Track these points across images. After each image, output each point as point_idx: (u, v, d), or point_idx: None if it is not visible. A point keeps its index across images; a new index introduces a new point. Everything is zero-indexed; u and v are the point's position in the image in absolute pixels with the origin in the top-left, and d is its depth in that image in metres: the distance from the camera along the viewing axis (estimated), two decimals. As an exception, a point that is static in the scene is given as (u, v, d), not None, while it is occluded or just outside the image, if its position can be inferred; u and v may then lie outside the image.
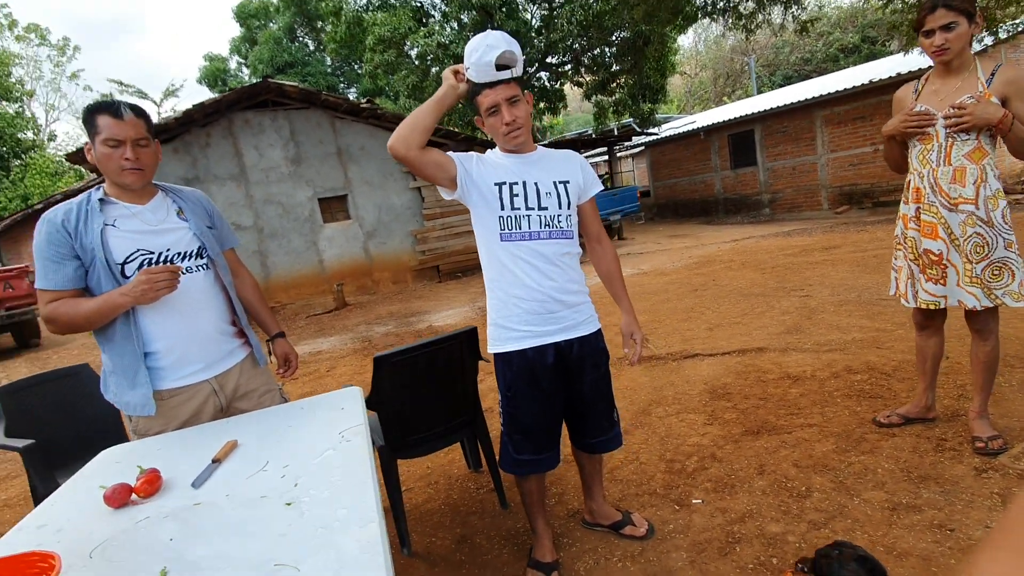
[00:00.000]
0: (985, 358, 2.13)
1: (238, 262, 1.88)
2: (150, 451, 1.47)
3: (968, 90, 1.95)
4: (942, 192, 2.02)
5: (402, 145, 1.53)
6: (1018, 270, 1.97)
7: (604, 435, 1.84)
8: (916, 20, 2.01)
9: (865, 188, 11.26)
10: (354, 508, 1.00)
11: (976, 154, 1.97)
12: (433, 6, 15.41)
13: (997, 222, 1.97)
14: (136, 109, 1.56)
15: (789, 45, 26.28)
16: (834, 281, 5.53)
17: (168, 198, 1.69)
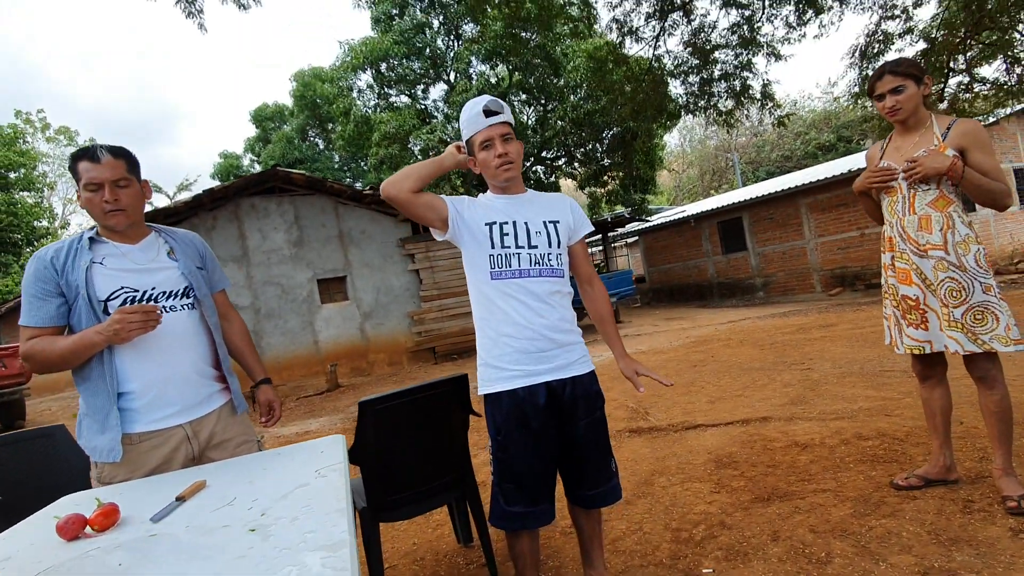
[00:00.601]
0: (995, 407, 2.05)
1: (228, 304, 1.86)
2: (112, 494, 1.36)
3: (925, 144, 2.07)
4: (910, 239, 2.10)
5: (394, 188, 1.58)
6: (1002, 314, 1.96)
7: (602, 487, 1.72)
8: (868, 87, 2.18)
9: (856, 271, 11.48)
10: (323, 531, 0.91)
11: (939, 202, 2.05)
12: (436, 108, 16.65)
13: (970, 267, 1.99)
14: (114, 150, 1.55)
15: (769, 144, 28.07)
16: (834, 355, 5.47)
17: (160, 238, 1.69)
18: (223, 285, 1.84)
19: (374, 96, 16.27)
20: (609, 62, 10.00)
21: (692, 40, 9.49)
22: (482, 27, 11.53)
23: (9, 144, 19.40)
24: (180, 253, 1.69)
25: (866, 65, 8.64)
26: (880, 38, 8.42)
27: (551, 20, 10.04)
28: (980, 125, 2.03)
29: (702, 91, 9.94)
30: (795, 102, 26.55)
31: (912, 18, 8.45)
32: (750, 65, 9.49)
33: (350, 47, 15.15)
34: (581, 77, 13.23)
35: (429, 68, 15.57)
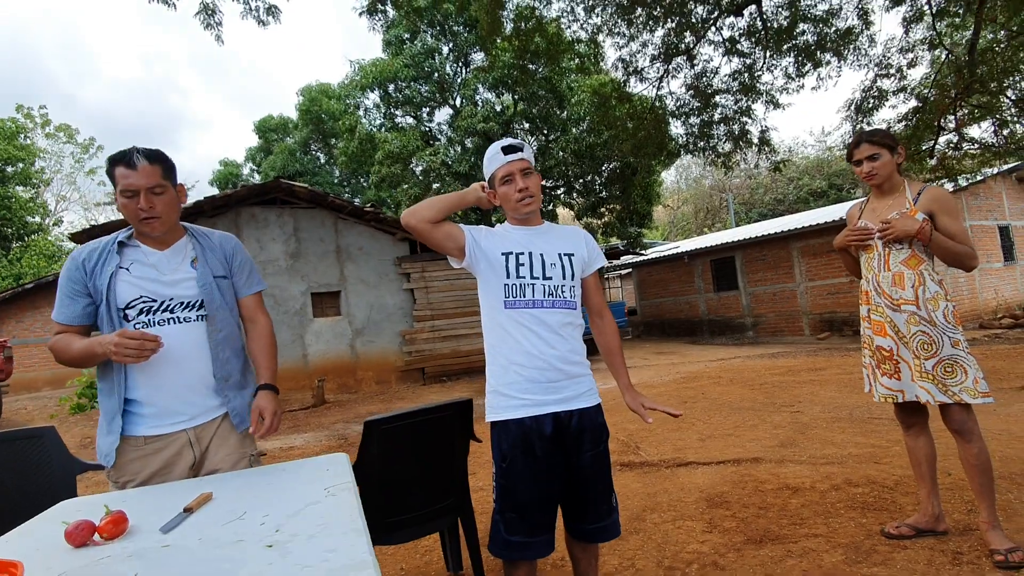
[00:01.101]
0: (975, 460, 2.11)
1: (258, 308, 1.80)
2: (116, 502, 1.35)
3: (897, 207, 2.24)
4: (885, 294, 2.23)
5: (415, 218, 1.63)
6: (970, 367, 2.08)
7: (602, 521, 1.72)
8: (847, 153, 2.37)
9: (844, 316, 11.65)
10: (344, 552, 0.91)
11: (912, 261, 2.19)
12: (440, 131, 16.91)
13: (940, 322, 2.12)
14: (151, 155, 1.55)
15: (763, 187, 28.68)
16: (824, 399, 5.52)
17: (190, 243, 1.68)
18: (254, 289, 1.80)
19: (380, 115, 16.52)
20: (613, 99, 10.26)
21: (694, 83, 9.80)
22: (491, 57, 11.81)
23: (10, 138, 19.34)
24: (203, 261, 1.67)
25: (860, 119, 8.95)
26: (875, 94, 8.75)
27: (559, 55, 10.32)
28: (948, 192, 2.21)
29: (702, 133, 10.20)
30: (790, 148, 27.30)
31: (906, 77, 8.80)
32: (749, 111, 9.78)
33: (360, 66, 15.43)
34: (584, 111, 13.53)
35: (436, 92, 15.86)
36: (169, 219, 1.59)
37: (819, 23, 8.60)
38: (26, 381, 13.47)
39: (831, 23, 8.59)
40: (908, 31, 8.68)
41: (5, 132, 19.21)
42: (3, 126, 19.31)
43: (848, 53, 8.76)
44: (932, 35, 8.72)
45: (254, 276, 1.81)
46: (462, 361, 10.51)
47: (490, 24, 8.17)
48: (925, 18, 8.61)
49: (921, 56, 9.09)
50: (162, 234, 1.61)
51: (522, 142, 1.75)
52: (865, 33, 8.65)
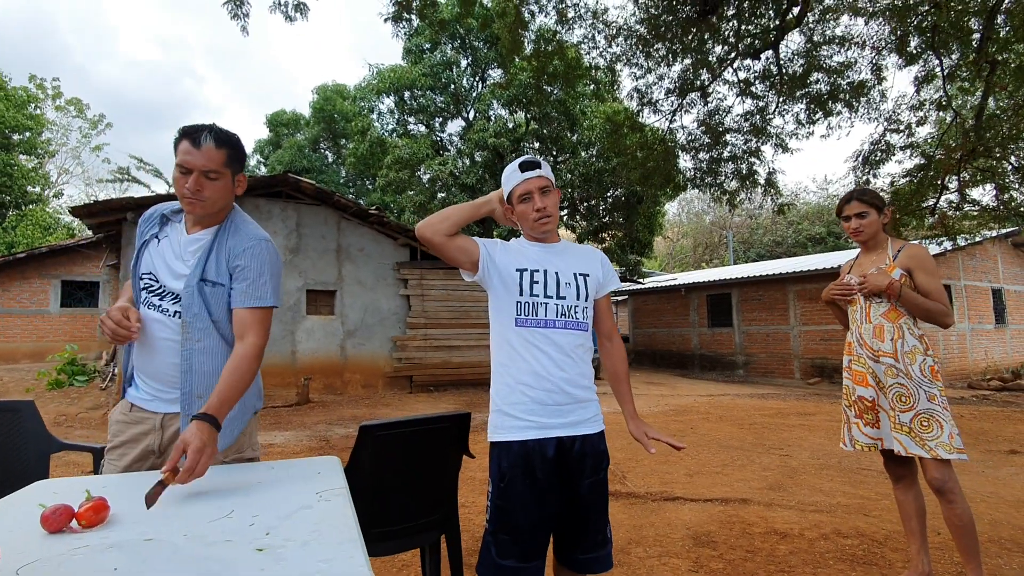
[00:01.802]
0: (957, 521, 2.11)
1: (250, 326, 1.52)
2: (97, 487, 1.28)
3: (878, 263, 2.35)
4: (866, 345, 2.32)
5: (430, 230, 1.61)
6: (946, 423, 2.11)
7: (596, 552, 1.66)
8: (837, 208, 2.48)
9: (835, 364, 11.66)
10: (340, 563, 0.86)
11: (891, 314, 2.28)
12: (450, 142, 17.02)
13: (916, 375, 2.17)
14: (221, 137, 1.49)
15: (763, 227, 28.97)
16: (812, 445, 5.48)
17: (215, 235, 1.56)
18: (251, 303, 1.52)
19: (393, 121, 16.62)
20: (625, 127, 10.37)
21: (706, 120, 9.92)
22: (509, 75, 11.94)
23: (20, 106, 19.27)
24: (202, 260, 1.53)
25: (867, 170, 9.07)
26: (883, 147, 8.88)
27: (576, 79, 10.45)
28: (926, 250, 2.31)
29: (710, 169, 10.31)
30: (794, 193, 27.64)
31: (914, 134, 8.95)
32: (758, 152, 9.91)
33: (378, 71, 15.56)
34: (596, 136, 13.67)
35: (451, 103, 15.99)
36: (215, 205, 1.52)
37: (833, 74, 8.76)
38: (6, 352, 13.23)
39: (845, 75, 8.75)
40: (919, 90, 8.85)
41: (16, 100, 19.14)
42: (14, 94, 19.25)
43: (859, 105, 8.92)
44: (942, 96, 8.90)
45: (258, 288, 1.54)
46: (452, 373, 10.42)
47: (511, 43, 8.26)
48: (936, 80, 8.79)
49: (929, 115, 9.27)
50: (200, 217, 1.54)
51: (540, 159, 1.73)
52: (877, 88, 8.82)
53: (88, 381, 9.94)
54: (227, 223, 1.58)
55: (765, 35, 8.43)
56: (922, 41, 8.16)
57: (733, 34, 8.43)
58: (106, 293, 14.32)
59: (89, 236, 12.94)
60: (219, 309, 1.55)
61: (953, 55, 8.27)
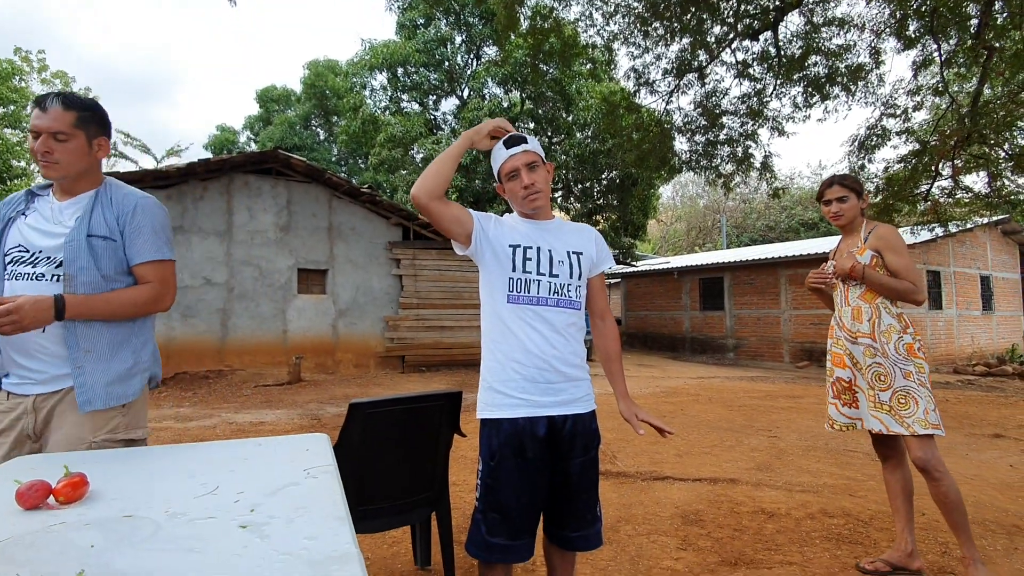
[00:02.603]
0: (944, 498, 2.14)
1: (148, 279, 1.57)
2: (77, 463, 1.25)
3: (852, 247, 2.40)
4: (845, 327, 2.37)
5: (425, 195, 1.55)
6: (921, 399, 2.16)
7: (585, 529, 1.66)
8: (818, 193, 2.53)
9: (824, 347, 11.77)
10: (326, 540, 0.84)
11: (867, 296, 2.33)
12: (444, 120, 16.78)
13: (891, 354, 2.22)
14: (69, 101, 1.49)
15: (757, 212, 28.98)
16: (800, 427, 5.55)
17: (93, 198, 1.55)
18: (148, 256, 1.56)
19: (385, 98, 16.34)
20: (621, 108, 10.25)
21: (703, 102, 9.82)
22: (504, 52, 11.72)
23: (5, 79, 18.72)
24: (87, 218, 1.51)
25: (862, 155, 9.04)
26: (879, 132, 8.85)
27: (572, 58, 10.27)
28: (894, 230, 2.35)
29: (705, 151, 10.24)
30: (789, 177, 27.63)
31: (910, 119, 8.92)
32: (754, 135, 9.84)
33: (371, 46, 15.23)
34: (591, 117, 13.52)
35: (444, 81, 15.72)
36: (71, 167, 1.50)
37: (831, 57, 8.67)
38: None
39: (843, 58, 8.67)
40: (917, 75, 8.79)
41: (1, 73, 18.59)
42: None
43: (857, 89, 8.85)
44: (938, 82, 8.85)
45: (152, 244, 1.57)
46: (443, 353, 10.42)
47: (507, 19, 8.09)
48: (933, 65, 8.73)
49: (926, 101, 9.23)
50: (60, 180, 1.53)
51: (526, 134, 1.68)
52: (875, 72, 8.75)
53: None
54: (105, 187, 1.58)
55: (764, 15, 8.31)
56: (921, 25, 8.08)
57: (732, 14, 8.30)
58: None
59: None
60: (110, 264, 1.52)
61: (951, 40, 8.21)
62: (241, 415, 6.38)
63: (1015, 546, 2.62)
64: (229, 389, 8.12)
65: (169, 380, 8.29)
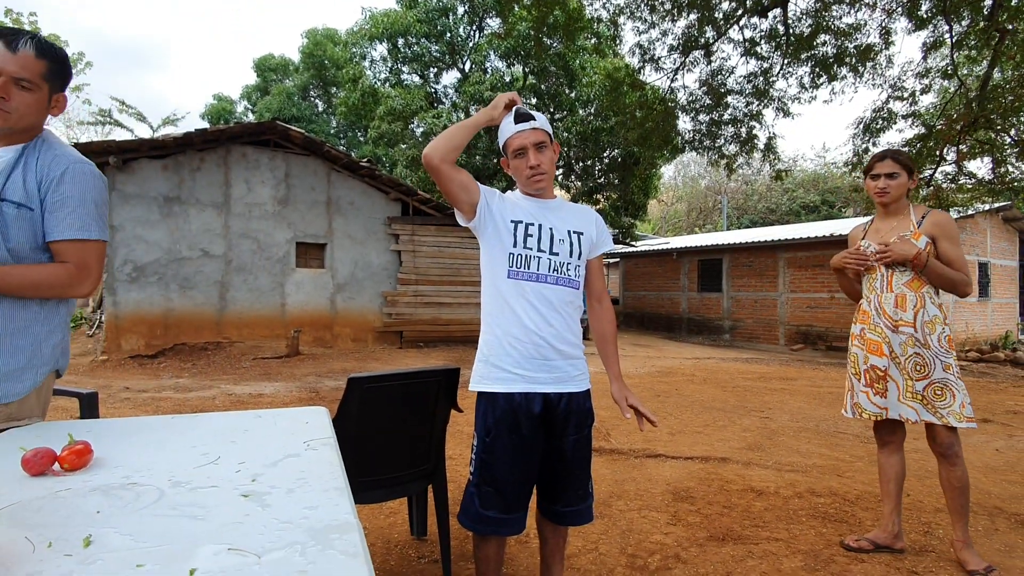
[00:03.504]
0: (957, 483, 2.18)
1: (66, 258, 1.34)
2: (81, 431, 1.27)
3: (901, 230, 2.28)
4: (885, 315, 2.27)
5: (438, 156, 1.55)
6: (959, 392, 2.14)
7: (577, 505, 1.71)
8: (868, 165, 2.37)
9: (820, 331, 11.87)
10: (326, 510, 0.87)
11: (914, 283, 2.23)
12: (445, 94, 16.52)
13: (934, 345, 2.17)
14: (44, 48, 1.32)
15: (758, 194, 28.82)
16: (792, 409, 5.63)
17: (20, 153, 1.34)
18: (68, 234, 1.33)
19: (386, 69, 16.04)
20: (625, 85, 10.10)
21: (709, 80, 9.68)
22: (508, 24, 11.47)
23: (-9, 40, 18.33)
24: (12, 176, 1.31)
25: (867, 138, 8.96)
26: (885, 115, 8.75)
27: (577, 32, 10.07)
28: (951, 218, 2.24)
29: (709, 131, 10.13)
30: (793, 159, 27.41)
31: (917, 103, 8.81)
32: (759, 116, 9.73)
33: (371, 15, 14.90)
34: (595, 94, 13.32)
35: (446, 53, 15.43)
36: (23, 120, 1.32)
37: (841, 36, 8.52)
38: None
39: (853, 37, 8.52)
40: (926, 56, 8.66)
41: (-12, 33, 18.20)
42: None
43: (865, 70, 8.72)
44: (948, 64, 8.72)
45: (78, 218, 1.34)
46: (441, 329, 10.47)
47: (511, -12, 7.90)
48: (944, 47, 8.59)
49: (934, 84, 9.10)
50: (5, 132, 1.33)
51: (527, 110, 1.66)
52: (884, 52, 8.61)
53: (75, 328, 9.88)
54: (37, 141, 1.37)
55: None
56: (933, 5, 7.92)
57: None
58: (91, 239, 14.05)
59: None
60: (21, 236, 1.30)
61: (963, 21, 8.06)
62: (240, 387, 6.44)
63: (996, 527, 2.69)
64: (228, 361, 8.18)
65: (168, 351, 8.34)
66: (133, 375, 7.12)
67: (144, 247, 8.17)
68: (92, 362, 7.78)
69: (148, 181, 8.18)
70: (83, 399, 2.20)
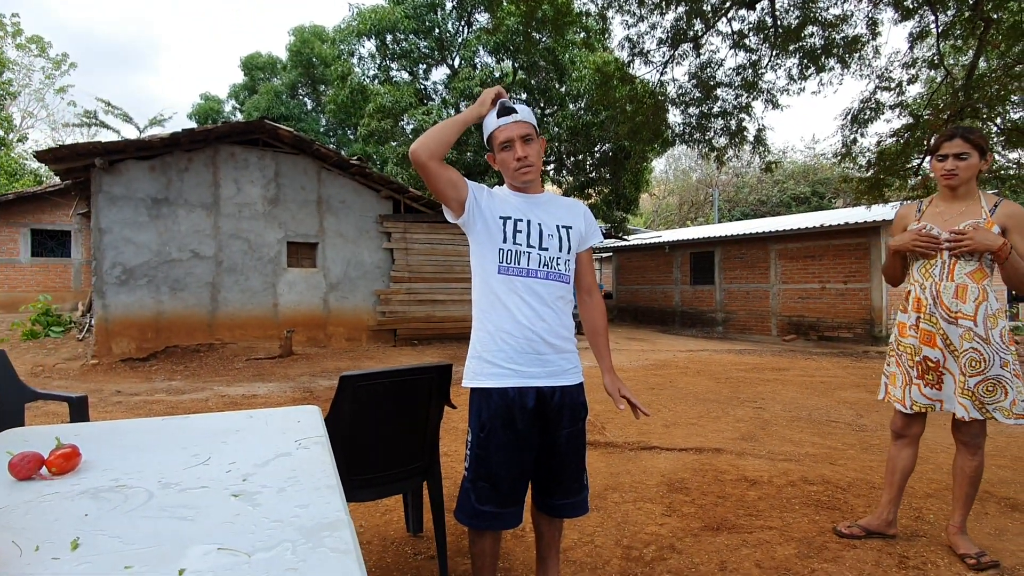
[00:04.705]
0: (972, 472, 2.16)
1: None
2: (69, 435, 1.26)
3: (971, 216, 2.10)
4: (943, 305, 2.12)
5: (426, 152, 1.54)
6: (1012, 389, 2.03)
7: (572, 497, 1.72)
8: (934, 143, 2.18)
9: (811, 321, 11.95)
10: (316, 508, 0.86)
11: (977, 274, 2.08)
12: (435, 91, 16.44)
13: (995, 341, 2.05)
14: None
15: (748, 186, 28.95)
16: (785, 399, 5.67)
17: None
18: None
19: (374, 66, 15.93)
20: (615, 79, 10.09)
21: (698, 73, 9.69)
22: (496, 19, 11.43)
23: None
24: None
25: (855, 129, 9.01)
26: (873, 106, 8.80)
27: (565, 26, 10.05)
28: (1022, 208, 2.07)
29: (699, 124, 10.15)
30: (782, 151, 27.53)
31: (904, 92, 8.87)
32: (748, 108, 9.75)
33: (359, 11, 14.79)
34: (585, 88, 13.31)
35: (435, 49, 15.35)
36: None
37: (828, 27, 8.55)
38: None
39: (840, 28, 8.55)
40: (913, 47, 8.71)
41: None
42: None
43: (852, 61, 8.76)
44: (934, 54, 8.78)
45: None
46: (435, 327, 10.46)
47: (499, -17, 7.86)
48: (930, 37, 8.64)
49: (921, 74, 9.16)
50: None
51: (520, 103, 1.66)
52: (871, 43, 8.65)
53: (64, 332, 9.78)
54: None
55: (762, -17, 8.13)
56: (920, -6, 7.96)
57: (729, -19, 8.12)
58: (78, 243, 13.91)
59: (57, 183, 12.42)
60: None
61: (949, 11, 8.11)
62: (233, 388, 6.41)
63: (986, 511, 2.73)
64: (221, 363, 8.13)
65: (160, 354, 8.27)
66: (125, 379, 7.06)
67: (133, 249, 8.09)
68: (83, 366, 7.71)
69: (135, 182, 8.09)
70: (72, 403, 2.18)
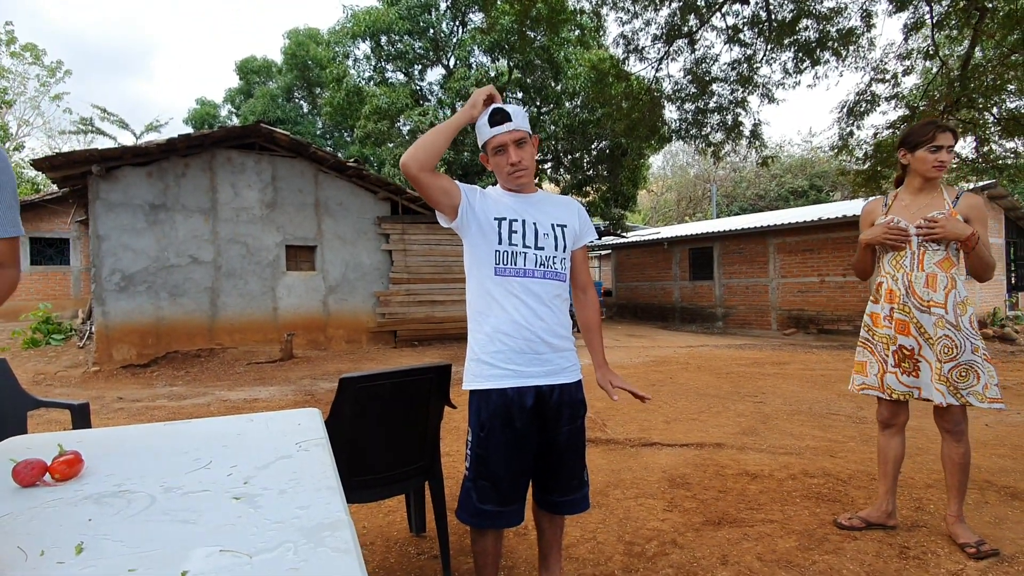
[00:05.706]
0: (960, 459, 2.19)
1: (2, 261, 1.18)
2: (71, 442, 1.27)
3: (937, 207, 2.19)
4: (915, 294, 2.19)
5: (415, 164, 1.54)
6: (983, 373, 2.10)
7: (572, 494, 1.73)
8: (923, 135, 2.18)
9: (811, 315, 11.97)
10: (317, 509, 0.87)
11: (945, 263, 2.17)
12: (431, 91, 16.44)
13: (964, 327, 2.12)
14: None
15: (746, 181, 28.95)
16: (785, 392, 5.68)
17: None
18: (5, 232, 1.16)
19: (370, 68, 15.93)
20: (611, 76, 10.09)
21: (693, 69, 9.69)
22: (490, 18, 11.42)
23: (-33, 51, 18.02)
24: None
25: (851, 121, 9.01)
26: (868, 98, 8.80)
27: (560, 24, 10.04)
28: (983, 200, 2.17)
29: (695, 120, 10.15)
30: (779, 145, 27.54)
31: (900, 84, 8.87)
32: (744, 103, 9.76)
33: (353, 13, 14.78)
34: (580, 86, 13.31)
35: (430, 50, 15.34)
36: None
37: (822, 20, 8.55)
38: (-24, 311, 12.90)
39: (835, 21, 8.56)
40: (907, 38, 8.71)
41: (-38, 44, 17.88)
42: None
43: (847, 54, 8.77)
44: (929, 45, 8.78)
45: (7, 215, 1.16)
46: (435, 327, 10.47)
47: (493, -17, 7.86)
48: (925, 28, 8.64)
49: (916, 65, 9.16)
50: None
51: (513, 107, 1.64)
52: (866, 35, 8.66)
53: (65, 339, 9.79)
54: None
55: (755, -23, 8.14)
56: (913, -15, 7.96)
57: (722, -24, 8.12)
58: (77, 250, 13.92)
59: (55, 191, 12.43)
60: None
61: (943, 1, 8.11)
62: (235, 392, 6.42)
63: (986, 500, 2.74)
64: (221, 367, 8.14)
65: (161, 359, 8.28)
66: (126, 385, 7.07)
67: (131, 256, 8.09)
68: (84, 373, 7.72)
69: (133, 189, 8.10)
70: (74, 410, 2.19)
